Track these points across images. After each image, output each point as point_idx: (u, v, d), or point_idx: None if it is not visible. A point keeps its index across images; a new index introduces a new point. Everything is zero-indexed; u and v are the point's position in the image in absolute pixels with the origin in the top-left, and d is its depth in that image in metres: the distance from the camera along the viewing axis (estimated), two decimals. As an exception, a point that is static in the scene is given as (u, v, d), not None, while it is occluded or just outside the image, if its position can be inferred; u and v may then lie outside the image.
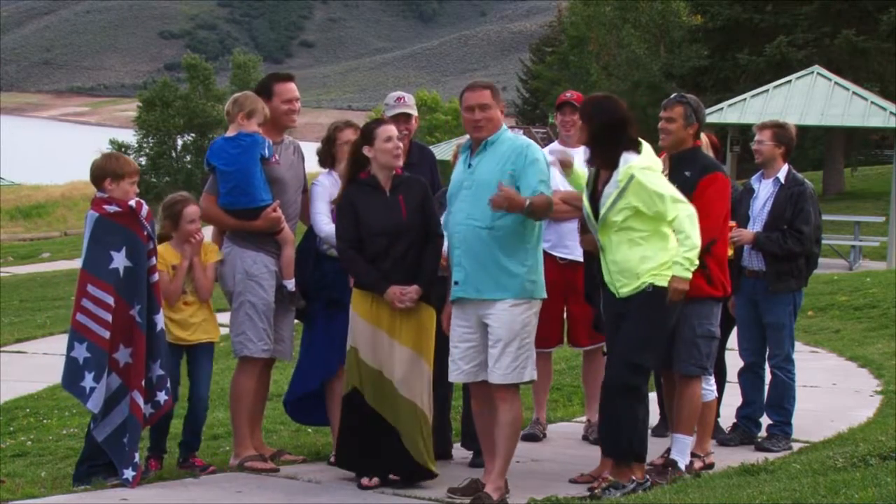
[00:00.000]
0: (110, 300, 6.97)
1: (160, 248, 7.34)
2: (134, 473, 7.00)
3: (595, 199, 6.83)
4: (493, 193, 6.69)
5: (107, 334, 6.97)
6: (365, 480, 7.13)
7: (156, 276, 7.12)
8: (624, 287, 6.73)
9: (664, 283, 6.70)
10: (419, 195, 7.22)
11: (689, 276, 6.67)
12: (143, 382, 7.03)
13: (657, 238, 6.70)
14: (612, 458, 6.85)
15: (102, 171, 7.16)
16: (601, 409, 6.99)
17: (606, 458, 7.01)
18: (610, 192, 6.69)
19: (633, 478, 6.79)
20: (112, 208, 7.04)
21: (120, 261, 6.99)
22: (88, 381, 6.97)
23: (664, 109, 7.63)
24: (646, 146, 6.87)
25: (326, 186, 7.75)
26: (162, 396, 7.16)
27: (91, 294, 7.01)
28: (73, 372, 7.02)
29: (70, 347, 7.06)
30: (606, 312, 7.00)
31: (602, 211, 6.72)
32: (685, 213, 6.66)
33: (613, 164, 6.73)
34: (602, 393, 6.95)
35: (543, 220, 7.08)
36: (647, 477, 6.87)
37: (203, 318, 7.43)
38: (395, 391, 7.11)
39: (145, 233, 7.05)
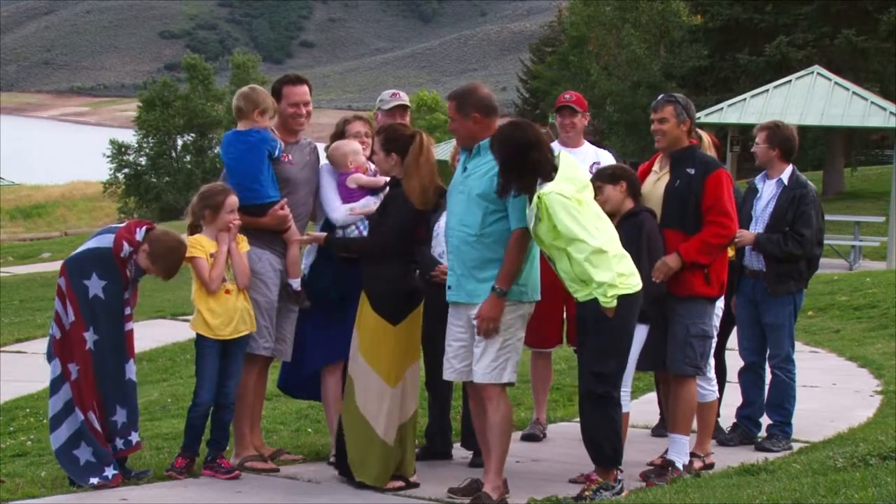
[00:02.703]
0: (71, 311, 7.10)
1: (198, 237, 7.36)
2: (95, 481, 7.03)
3: None
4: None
5: (58, 333, 7.15)
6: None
7: (130, 325, 7.22)
8: (578, 292, 6.69)
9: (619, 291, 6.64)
10: (387, 204, 7.28)
11: (609, 305, 6.55)
12: (95, 404, 7.09)
13: None
14: (598, 464, 6.85)
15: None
16: (580, 419, 6.97)
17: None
18: (529, 217, 6.66)
19: (619, 478, 6.80)
20: (126, 252, 7.13)
21: (95, 286, 7.11)
22: (54, 369, 7.20)
23: (654, 111, 7.63)
24: (563, 160, 6.72)
25: (328, 174, 7.78)
26: (135, 437, 7.24)
27: (62, 295, 7.16)
28: (49, 346, 7.26)
29: (51, 326, 7.28)
30: (576, 315, 6.96)
31: (531, 230, 6.69)
32: (580, 256, 6.51)
33: (530, 190, 6.65)
34: (580, 403, 6.95)
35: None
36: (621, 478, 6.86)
37: (242, 307, 7.40)
38: (349, 391, 7.24)
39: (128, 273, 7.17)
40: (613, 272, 6.58)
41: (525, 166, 6.62)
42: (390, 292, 7.15)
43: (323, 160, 7.93)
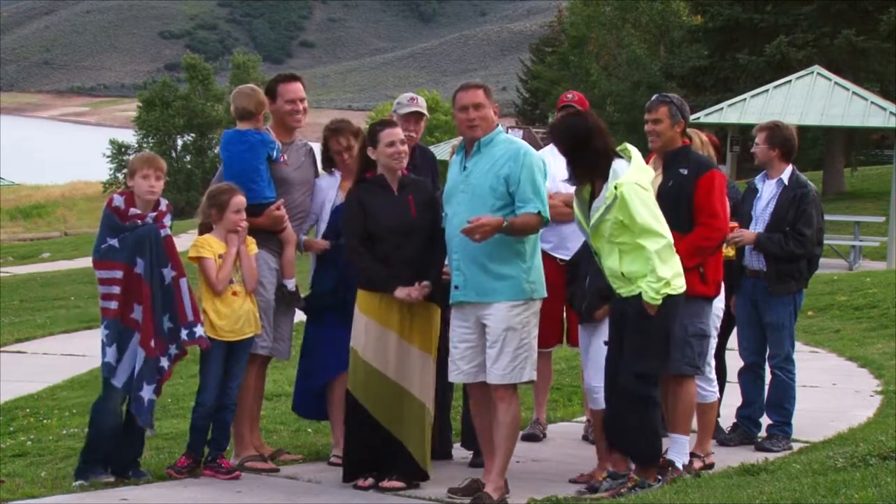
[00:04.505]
0: (118, 273, 7.08)
1: (206, 237, 7.37)
2: (151, 420, 7.17)
3: (588, 205, 6.81)
4: (486, 201, 6.83)
5: (114, 304, 7.08)
6: (360, 481, 7.14)
7: (166, 231, 7.17)
8: (621, 289, 6.73)
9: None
10: (427, 195, 7.26)
11: (655, 302, 6.60)
12: (152, 333, 7.09)
13: (643, 250, 6.67)
14: (638, 463, 6.83)
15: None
16: (617, 416, 6.87)
17: (621, 457, 6.96)
18: (598, 206, 6.68)
19: (659, 476, 6.81)
20: (118, 201, 7.17)
21: (113, 241, 7.12)
22: (110, 354, 7.10)
23: (648, 112, 7.60)
24: (635, 152, 6.82)
25: (323, 189, 7.78)
26: (173, 350, 7.20)
27: (101, 278, 7.15)
28: (102, 354, 7.17)
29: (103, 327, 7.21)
30: (611, 308, 6.95)
31: (592, 221, 6.72)
32: (654, 248, 6.57)
33: (600, 176, 6.71)
34: (616, 401, 6.87)
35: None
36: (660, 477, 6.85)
37: (248, 310, 7.41)
38: (402, 393, 7.12)
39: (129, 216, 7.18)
40: (674, 271, 6.64)
41: (588, 154, 6.70)
42: (442, 280, 7.17)
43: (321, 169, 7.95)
